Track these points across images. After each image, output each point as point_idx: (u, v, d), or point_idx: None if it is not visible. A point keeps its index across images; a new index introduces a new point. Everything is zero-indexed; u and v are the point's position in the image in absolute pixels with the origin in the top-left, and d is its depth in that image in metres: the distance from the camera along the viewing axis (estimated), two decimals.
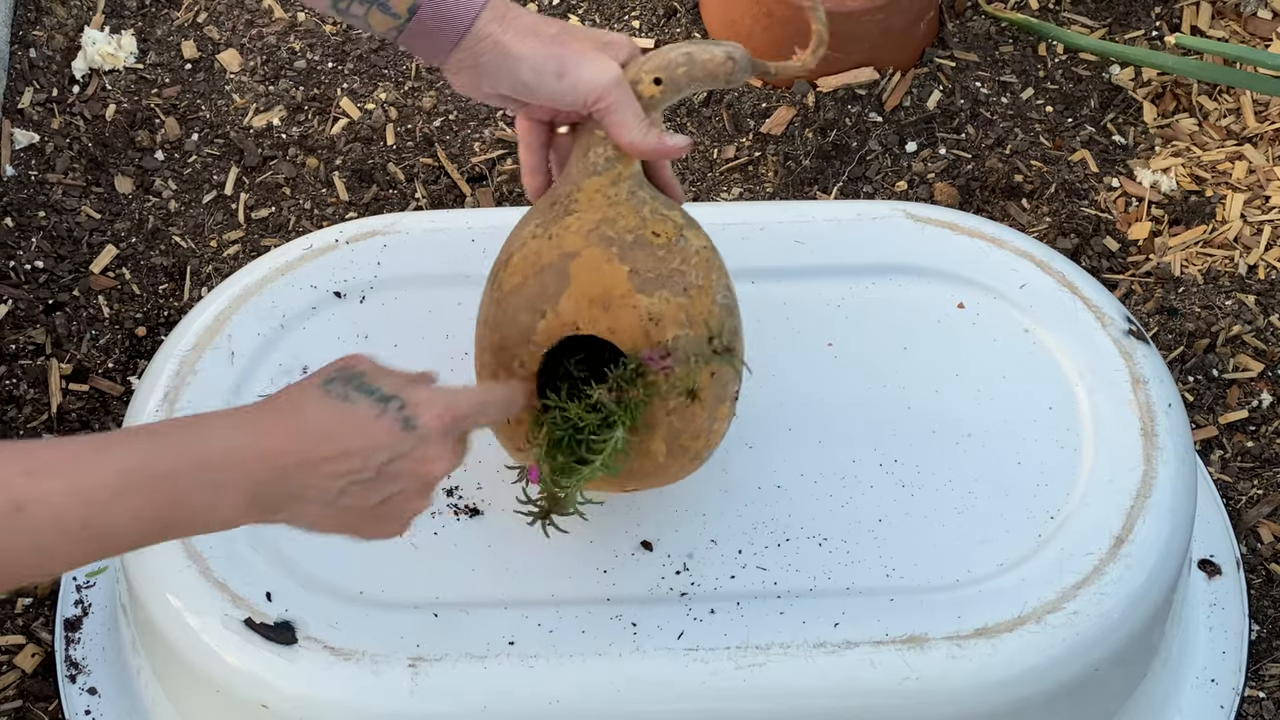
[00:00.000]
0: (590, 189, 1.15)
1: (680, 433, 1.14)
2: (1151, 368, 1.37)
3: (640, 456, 1.15)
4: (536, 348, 1.14)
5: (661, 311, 1.12)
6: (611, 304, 1.12)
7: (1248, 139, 1.97)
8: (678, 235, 1.15)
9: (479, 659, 1.22)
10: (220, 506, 0.97)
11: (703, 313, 1.13)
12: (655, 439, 1.14)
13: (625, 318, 1.12)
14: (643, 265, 1.12)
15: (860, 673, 1.22)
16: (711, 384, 1.14)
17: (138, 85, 2.00)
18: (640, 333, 1.12)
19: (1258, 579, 1.64)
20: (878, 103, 1.99)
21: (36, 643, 1.57)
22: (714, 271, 1.16)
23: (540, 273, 1.14)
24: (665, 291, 1.12)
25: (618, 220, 1.14)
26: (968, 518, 1.29)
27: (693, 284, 1.13)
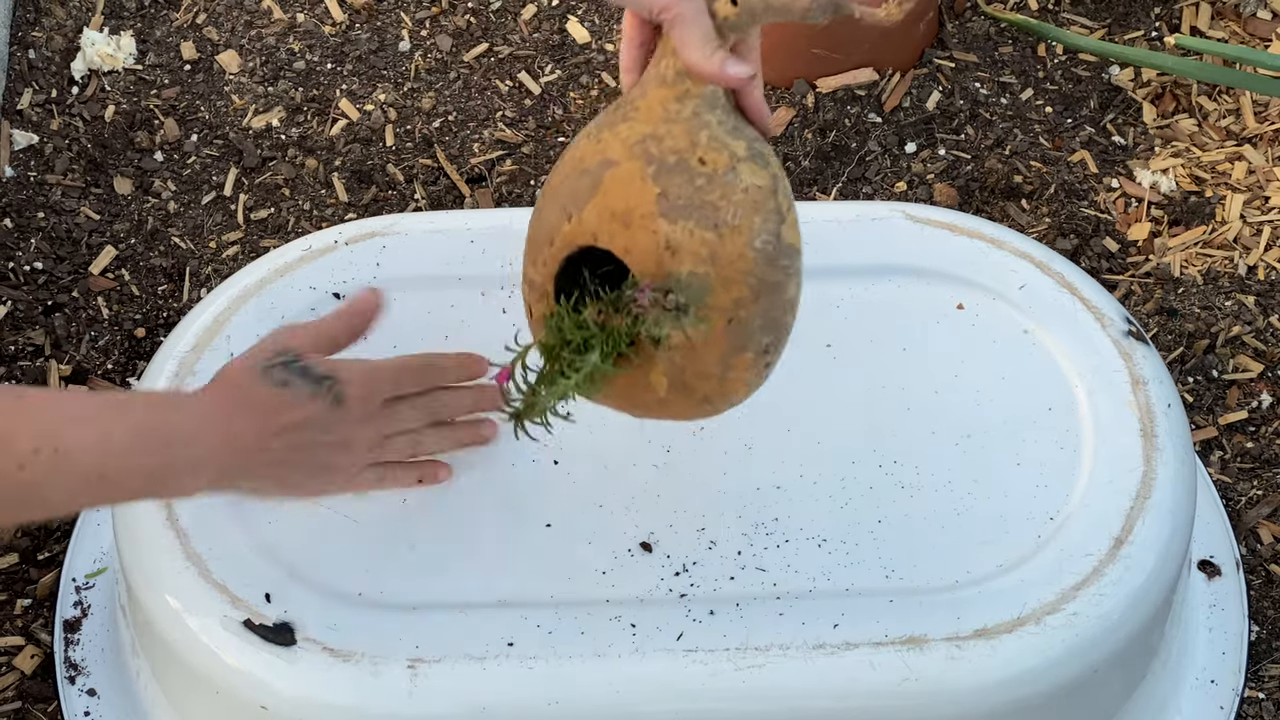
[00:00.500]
0: (654, 99, 1.08)
1: (683, 370, 1.08)
2: (1151, 369, 1.37)
3: (640, 387, 1.10)
4: (556, 250, 1.10)
5: (681, 242, 1.05)
6: (632, 222, 1.06)
7: (1247, 139, 1.97)
8: (729, 167, 1.06)
9: (478, 660, 1.21)
10: (197, 477, 1.12)
11: (731, 254, 1.06)
12: (655, 371, 1.09)
13: (642, 240, 1.06)
14: (675, 190, 1.05)
15: (859, 674, 1.21)
16: (732, 328, 1.07)
17: (137, 86, 2.00)
18: (654, 259, 1.06)
19: (1257, 580, 1.64)
20: (877, 103, 1.99)
21: (36, 644, 1.57)
22: (759, 214, 1.07)
23: (579, 175, 1.08)
24: (690, 223, 1.05)
25: (666, 138, 1.07)
26: (967, 519, 1.29)
27: (726, 222, 1.05)
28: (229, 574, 1.25)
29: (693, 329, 1.07)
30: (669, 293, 1.06)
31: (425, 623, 1.23)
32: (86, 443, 1.05)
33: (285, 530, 1.28)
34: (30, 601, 1.60)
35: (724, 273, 1.06)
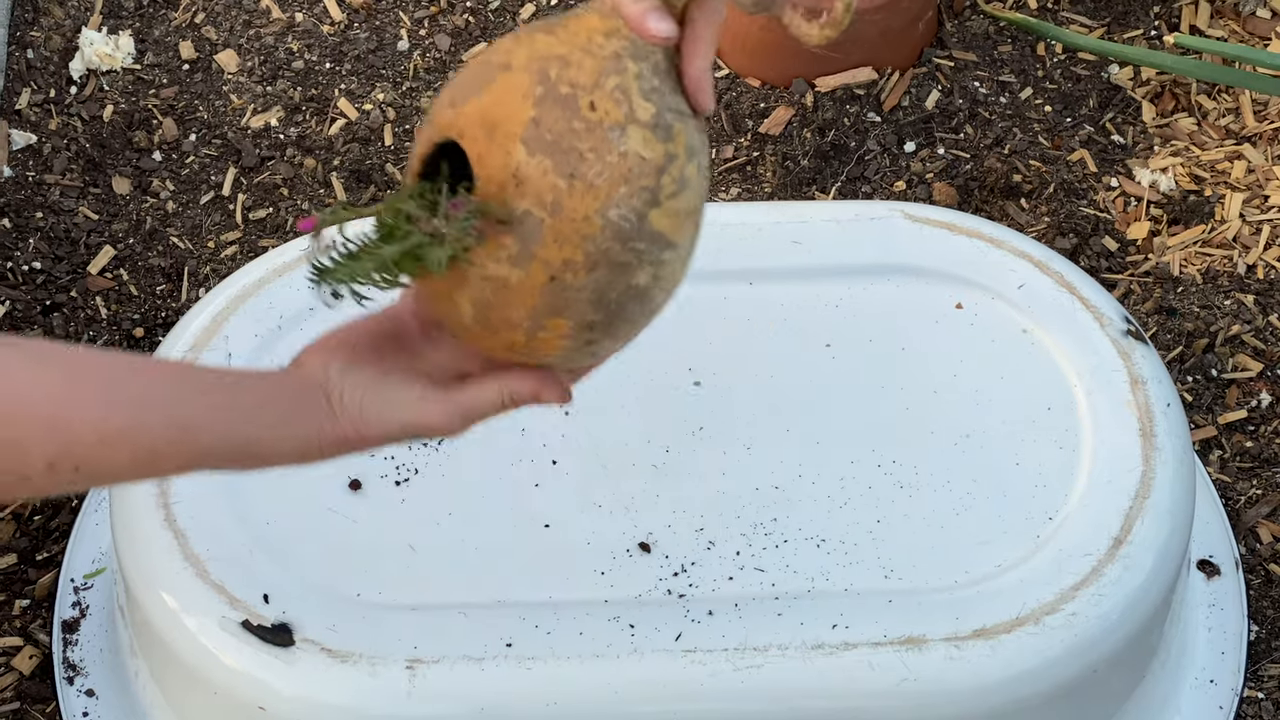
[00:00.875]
0: (585, 24, 1.00)
1: (490, 307, 0.99)
2: (1150, 368, 1.37)
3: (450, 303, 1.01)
4: (430, 133, 1.02)
5: (529, 176, 0.96)
6: (495, 135, 0.98)
7: (1247, 138, 1.97)
8: (617, 125, 0.97)
9: (476, 661, 1.21)
10: None
11: (575, 213, 0.97)
12: (462, 295, 1.00)
13: (496, 156, 0.97)
14: (549, 122, 0.97)
15: (858, 674, 1.21)
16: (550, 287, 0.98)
17: (135, 86, 2.00)
18: (499, 181, 0.97)
19: (1257, 579, 1.63)
20: (876, 103, 1.99)
21: (34, 644, 1.57)
22: (627, 185, 0.98)
23: (482, 67, 1.01)
24: (549, 162, 0.96)
25: (573, 67, 0.98)
26: (966, 519, 1.29)
27: (583, 177, 0.96)
28: (227, 574, 1.25)
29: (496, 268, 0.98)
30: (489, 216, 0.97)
31: (424, 623, 1.23)
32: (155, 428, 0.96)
33: (284, 531, 1.28)
34: (29, 602, 1.60)
35: (561, 228, 0.97)
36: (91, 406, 0.92)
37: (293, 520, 1.28)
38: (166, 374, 0.99)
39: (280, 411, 1.00)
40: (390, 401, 1.01)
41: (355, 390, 1.01)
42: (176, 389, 0.96)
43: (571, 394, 1.06)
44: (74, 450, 0.92)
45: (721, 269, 1.42)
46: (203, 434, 0.96)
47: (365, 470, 1.31)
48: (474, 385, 1.02)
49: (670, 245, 1.01)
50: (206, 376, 1.01)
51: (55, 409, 0.91)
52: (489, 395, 1.02)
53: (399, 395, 1.01)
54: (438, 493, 1.30)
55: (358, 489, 1.30)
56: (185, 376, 0.99)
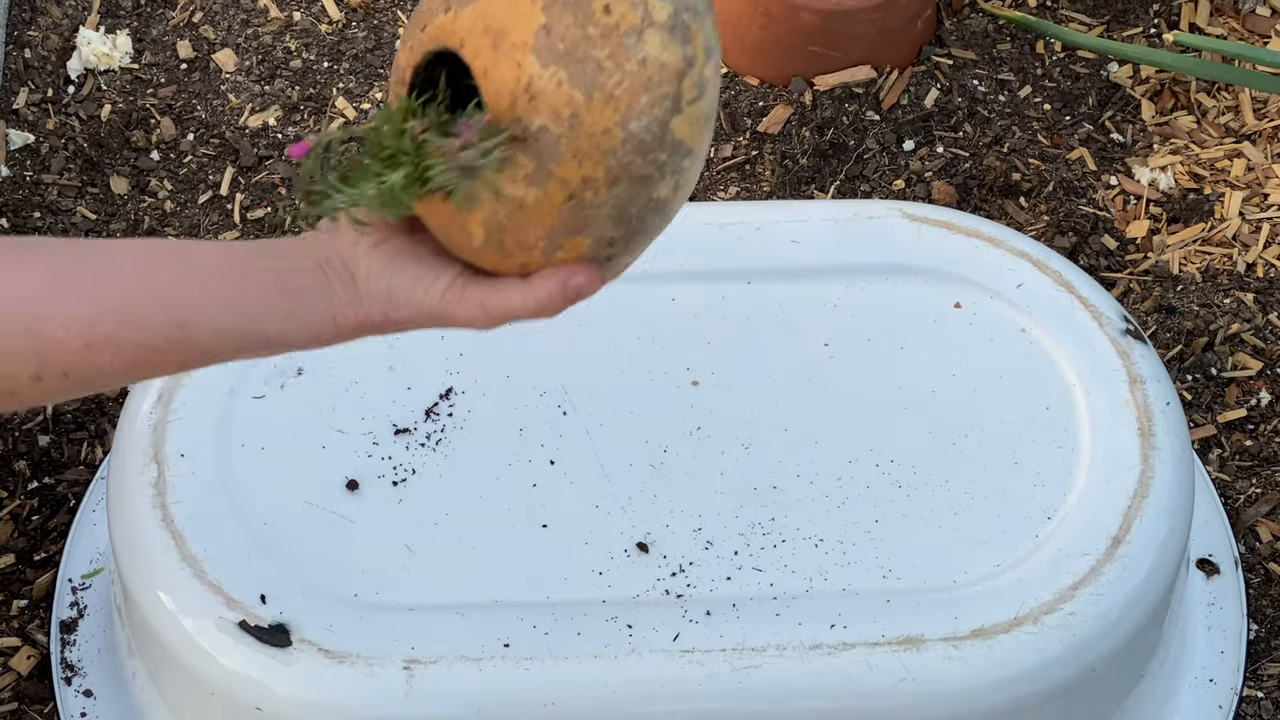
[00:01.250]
0: None
1: (505, 230, 0.94)
2: (1149, 367, 1.37)
3: (458, 226, 0.95)
4: (422, 41, 0.96)
5: (543, 90, 0.90)
6: (501, 46, 0.92)
7: (1246, 136, 1.97)
8: (635, 30, 0.91)
9: (474, 661, 1.21)
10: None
11: (594, 126, 0.90)
12: (474, 219, 0.94)
13: (505, 69, 0.91)
14: (561, 29, 0.90)
15: (857, 674, 1.21)
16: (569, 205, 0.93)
17: (133, 85, 2.00)
18: (509, 96, 0.91)
19: (1256, 578, 1.63)
20: (875, 101, 1.98)
21: (32, 645, 1.57)
22: (648, 94, 0.92)
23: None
24: (563, 73, 0.90)
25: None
26: (964, 518, 1.29)
27: (603, 88, 0.90)
28: (224, 575, 1.25)
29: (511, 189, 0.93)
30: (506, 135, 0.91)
31: (421, 624, 1.23)
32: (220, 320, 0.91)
33: (281, 531, 1.27)
34: (26, 602, 1.60)
35: (580, 144, 0.91)
36: (77, 310, 0.85)
37: (290, 520, 1.28)
38: (161, 262, 0.90)
39: (294, 299, 0.92)
40: (419, 287, 0.94)
41: (384, 273, 0.94)
42: (173, 281, 0.89)
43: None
44: (60, 359, 0.85)
45: (720, 268, 1.42)
46: (203, 330, 0.89)
47: (363, 470, 1.31)
48: (510, 286, 0.94)
49: (689, 153, 0.95)
50: (209, 260, 0.91)
51: (37, 316, 0.84)
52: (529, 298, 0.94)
53: (428, 282, 0.94)
54: (435, 493, 1.30)
55: (355, 489, 1.30)
56: (183, 262, 0.90)
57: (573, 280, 0.94)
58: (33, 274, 0.85)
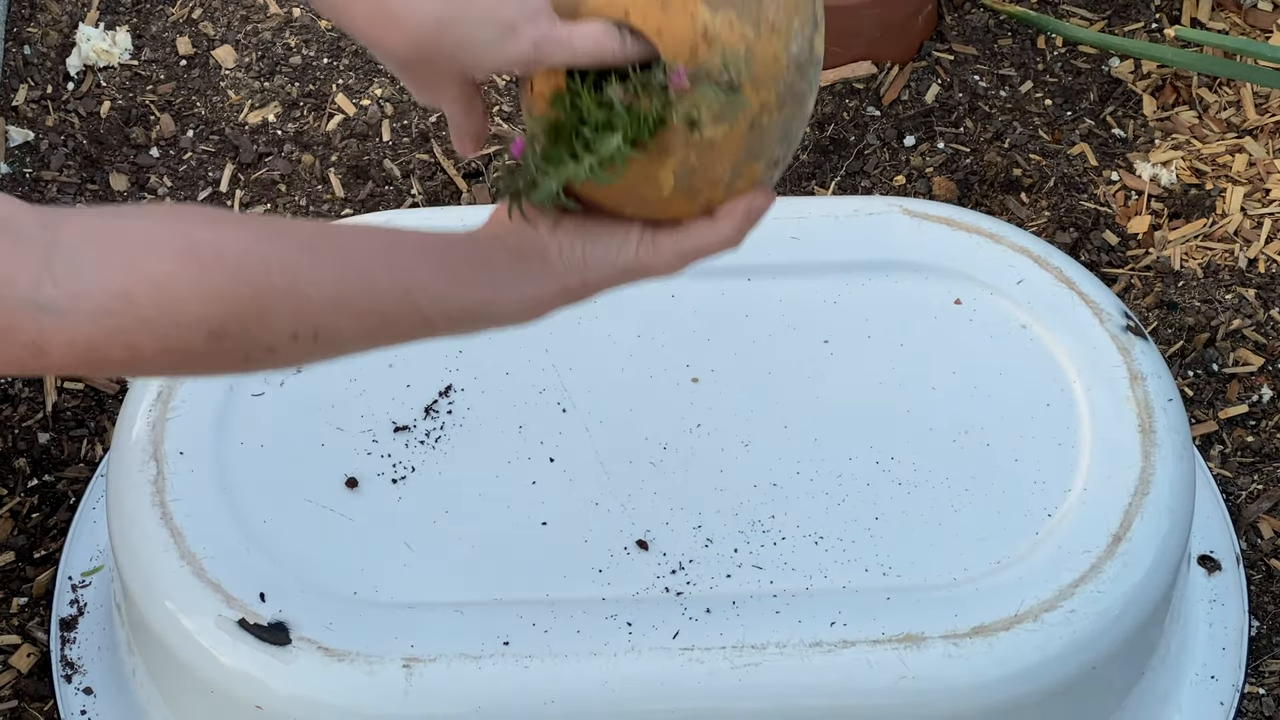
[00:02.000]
0: None
1: (694, 172, 1.02)
2: (1150, 363, 1.36)
3: (645, 181, 1.03)
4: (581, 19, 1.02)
5: (719, 33, 0.99)
6: (671, 4, 1.00)
7: (1248, 132, 1.97)
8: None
9: (473, 659, 1.21)
10: None
11: (768, 56, 1.01)
12: (665, 168, 1.02)
13: (678, 24, 1.00)
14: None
15: (857, 672, 1.21)
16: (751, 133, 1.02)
17: (132, 82, 2.00)
18: (688, 46, 1.00)
19: (1258, 575, 1.63)
20: (875, 97, 1.98)
21: (32, 642, 1.57)
22: (799, 17, 1.02)
23: None
24: (732, 14, 0.99)
25: None
26: (965, 515, 1.28)
27: (767, 20, 1.00)
28: (223, 573, 1.25)
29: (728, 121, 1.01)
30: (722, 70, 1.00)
31: (420, 621, 1.23)
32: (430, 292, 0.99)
33: (280, 529, 1.27)
34: (26, 600, 1.60)
35: (756, 74, 1.00)
36: (328, 275, 0.93)
37: (289, 518, 1.28)
38: (385, 241, 0.98)
39: (499, 272, 1.00)
40: (611, 248, 1.02)
41: (575, 242, 1.02)
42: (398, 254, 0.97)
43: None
44: (313, 319, 0.93)
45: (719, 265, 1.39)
46: (426, 298, 0.97)
47: (362, 468, 1.31)
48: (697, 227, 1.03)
49: (820, 64, 1.05)
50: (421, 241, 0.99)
51: (294, 279, 0.91)
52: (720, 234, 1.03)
53: (619, 241, 1.02)
54: (434, 491, 1.30)
55: (354, 487, 1.30)
56: (402, 242, 0.99)
57: (755, 205, 1.03)
58: (286, 244, 0.93)
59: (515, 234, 1.02)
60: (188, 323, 0.88)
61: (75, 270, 0.85)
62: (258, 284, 0.90)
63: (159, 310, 0.87)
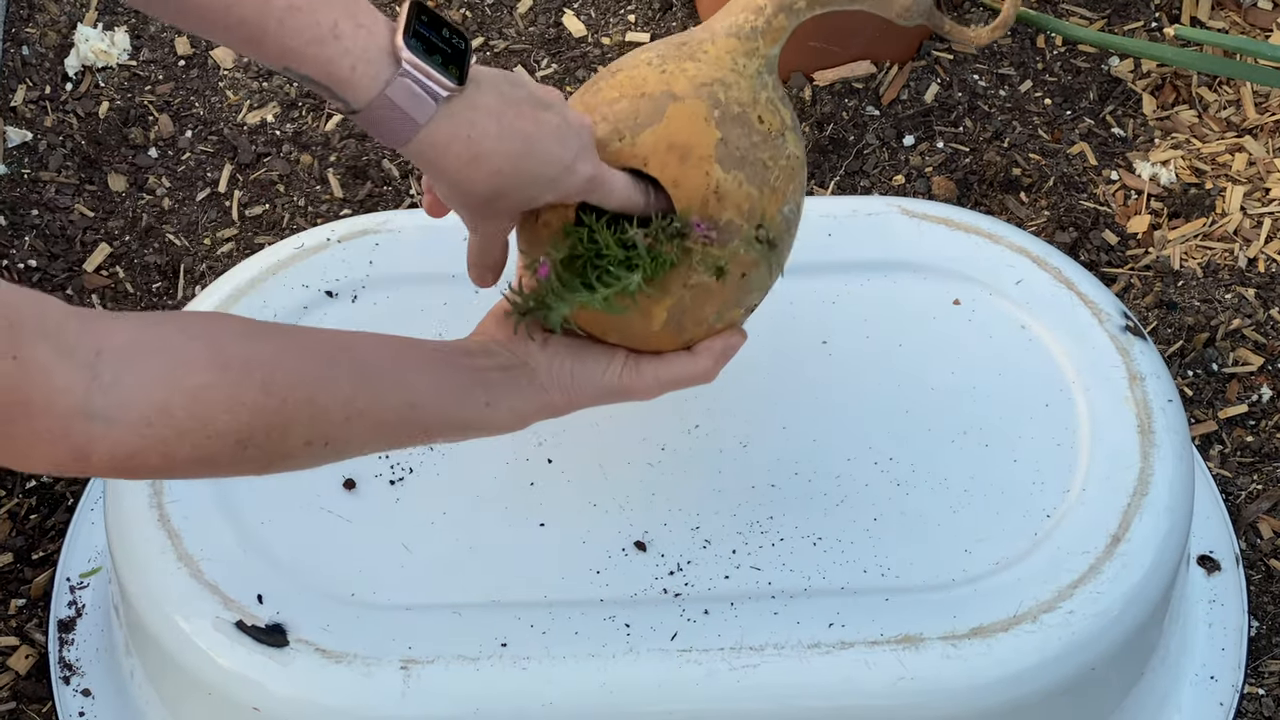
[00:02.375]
0: (723, 46, 1.13)
1: (686, 310, 1.11)
2: (1149, 364, 1.36)
3: (641, 315, 1.11)
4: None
5: (729, 191, 1.09)
6: (689, 159, 1.09)
7: (1248, 131, 1.96)
8: (780, 133, 1.12)
9: (471, 661, 1.21)
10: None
11: (767, 215, 1.11)
12: (660, 305, 1.11)
13: (693, 178, 1.09)
14: (734, 140, 1.09)
15: (855, 673, 1.21)
16: (741, 282, 1.12)
17: (131, 82, 2.00)
18: (700, 199, 1.09)
19: (1257, 575, 1.63)
20: (875, 96, 1.98)
21: (30, 644, 1.57)
22: (793, 183, 1.13)
23: (639, 98, 1.11)
24: (742, 175, 1.09)
25: (733, 88, 1.11)
26: (963, 516, 1.28)
27: (769, 183, 1.10)
28: (221, 575, 1.25)
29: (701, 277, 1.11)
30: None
31: (418, 623, 1.23)
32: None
33: (277, 531, 1.27)
34: (25, 601, 1.60)
35: (753, 226, 1.10)
36: (344, 390, 1.00)
37: (287, 520, 1.27)
38: (397, 354, 1.05)
39: (493, 389, 1.08)
40: (598, 370, 1.11)
41: (564, 362, 1.11)
42: (407, 370, 1.05)
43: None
44: (327, 430, 1.00)
45: None
46: (427, 411, 1.05)
47: (359, 470, 1.30)
48: (677, 359, 1.13)
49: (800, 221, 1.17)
50: (427, 355, 1.07)
51: (313, 392, 0.98)
52: (696, 367, 1.13)
53: (605, 365, 1.11)
54: (432, 492, 1.30)
55: (352, 488, 1.30)
56: (407, 354, 1.06)
57: (730, 343, 1.14)
58: (307, 355, 1.00)
59: (508, 350, 1.10)
60: (219, 432, 0.94)
61: (119, 380, 0.90)
62: (283, 397, 0.96)
63: (194, 422, 0.93)
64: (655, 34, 2.04)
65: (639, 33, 2.04)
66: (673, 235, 1.09)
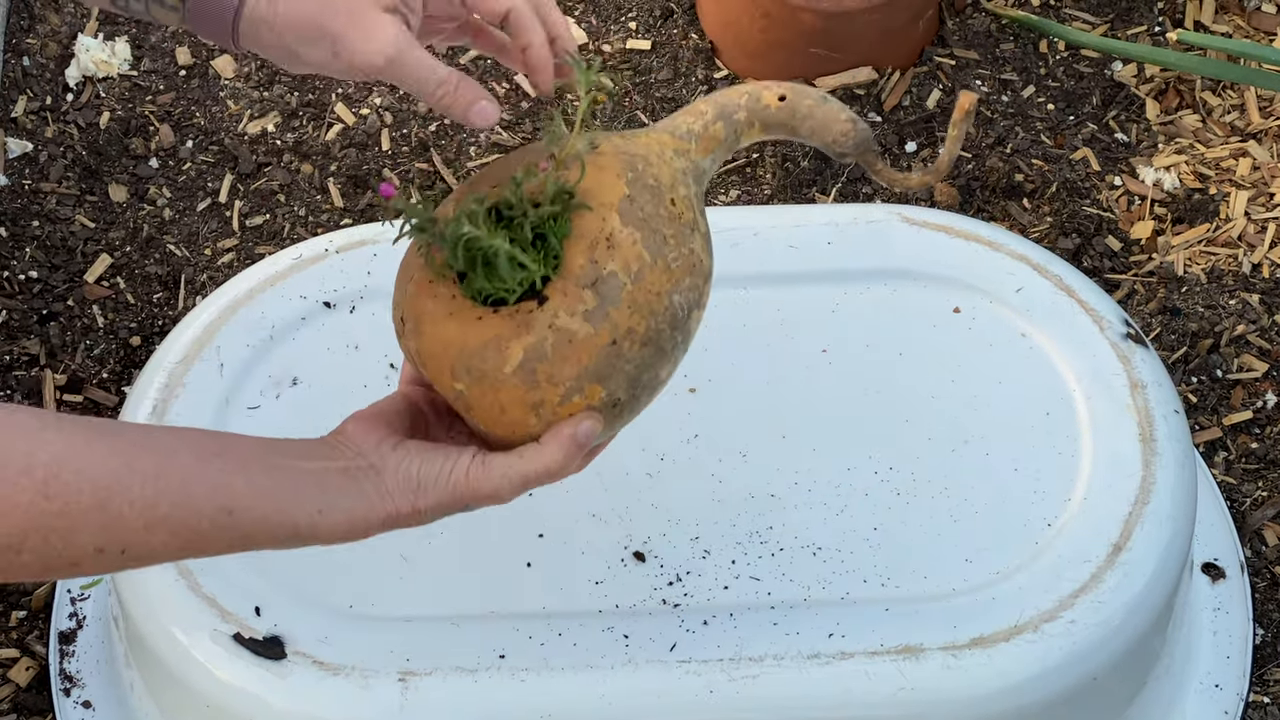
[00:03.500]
0: (656, 138, 1.12)
1: (542, 358, 1.02)
2: (1150, 371, 1.35)
3: (496, 347, 1.03)
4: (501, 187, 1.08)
5: (621, 244, 1.03)
6: (591, 200, 1.05)
7: (1252, 135, 1.95)
8: (691, 225, 1.08)
9: (469, 672, 1.20)
10: None
11: (652, 288, 1.04)
12: (518, 341, 1.03)
13: (592, 221, 1.04)
14: (641, 201, 1.06)
15: (855, 684, 1.20)
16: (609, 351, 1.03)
17: (132, 92, 1.99)
18: (591, 238, 1.04)
19: (1262, 582, 1.62)
20: (877, 102, 1.97)
21: (31, 656, 1.56)
22: (690, 277, 1.07)
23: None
24: (639, 234, 1.04)
25: (654, 167, 1.08)
26: (964, 526, 1.27)
27: (664, 258, 1.04)
28: (218, 587, 1.24)
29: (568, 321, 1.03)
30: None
31: (416, 635, 1.22)
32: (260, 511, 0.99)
33: None
34: (25, 613, 1.60)
35: (638, 296, 1.04)
36: (140, 492, 0.93)
37: None
38: (214, 454, 0.97)
39: (328, 494, 0.99)
40: (445, 467, 1.02)
41: (409, 463, 1.01)
42: (223, 472, 0.97)
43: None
44: (123, 536, 0.93)
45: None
46: (247, 517, 0.96)
47: None
48: (527, 451, 1.02)
49: (686, 350, 1.09)
50: (252, 453, 0.99)
51: (105, 496, 0.92)
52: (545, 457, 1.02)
53: (452, 462, 1.02)
54: None
55: None
56: (228, 454, 0.98)
57: (581, 430, 1.02)
58: (102, 453, 0.93)
59: (358, 451, 1.02)
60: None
61: None
62: (64, 501, 0.90)
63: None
64: (656, 41, 2.03)
65: (640, 40, 2.03)
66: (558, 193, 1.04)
